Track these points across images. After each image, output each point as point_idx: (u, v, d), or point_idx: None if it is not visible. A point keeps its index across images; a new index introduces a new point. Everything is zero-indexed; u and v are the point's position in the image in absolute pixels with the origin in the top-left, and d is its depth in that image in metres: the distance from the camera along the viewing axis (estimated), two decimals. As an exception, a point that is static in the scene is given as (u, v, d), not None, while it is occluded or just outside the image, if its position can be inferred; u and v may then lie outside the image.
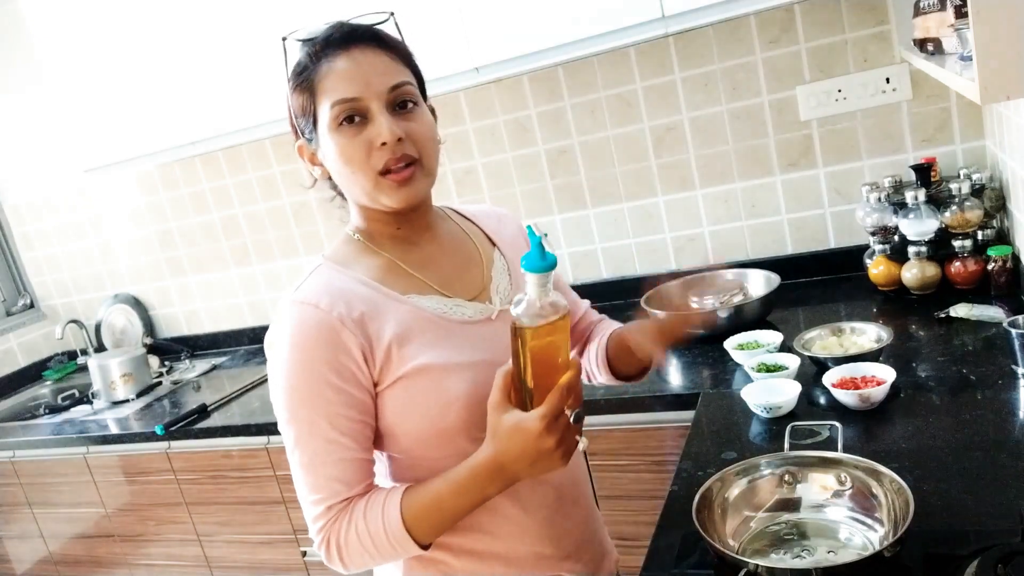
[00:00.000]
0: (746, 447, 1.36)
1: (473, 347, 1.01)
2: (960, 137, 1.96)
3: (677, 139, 2.20)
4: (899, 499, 0.99)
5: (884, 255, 1.90)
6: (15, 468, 2.67)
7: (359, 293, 0.98)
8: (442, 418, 0.98)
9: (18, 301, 3.31)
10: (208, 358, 2.93)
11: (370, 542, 0.96)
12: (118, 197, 3.00)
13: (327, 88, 0.96)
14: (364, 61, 0.96)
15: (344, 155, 0.96)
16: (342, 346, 0.94)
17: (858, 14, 1.96)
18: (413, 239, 1.06)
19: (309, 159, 1.03)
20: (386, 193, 0.97)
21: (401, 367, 0.96)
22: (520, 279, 1.05)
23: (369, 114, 0.95)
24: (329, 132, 0.97)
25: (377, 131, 0.94)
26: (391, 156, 0.95)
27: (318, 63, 0.97)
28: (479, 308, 1.04)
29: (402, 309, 0.99)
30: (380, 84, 0.96)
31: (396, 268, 1.03)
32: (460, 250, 1.10)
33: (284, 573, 2.34)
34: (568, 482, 1.11)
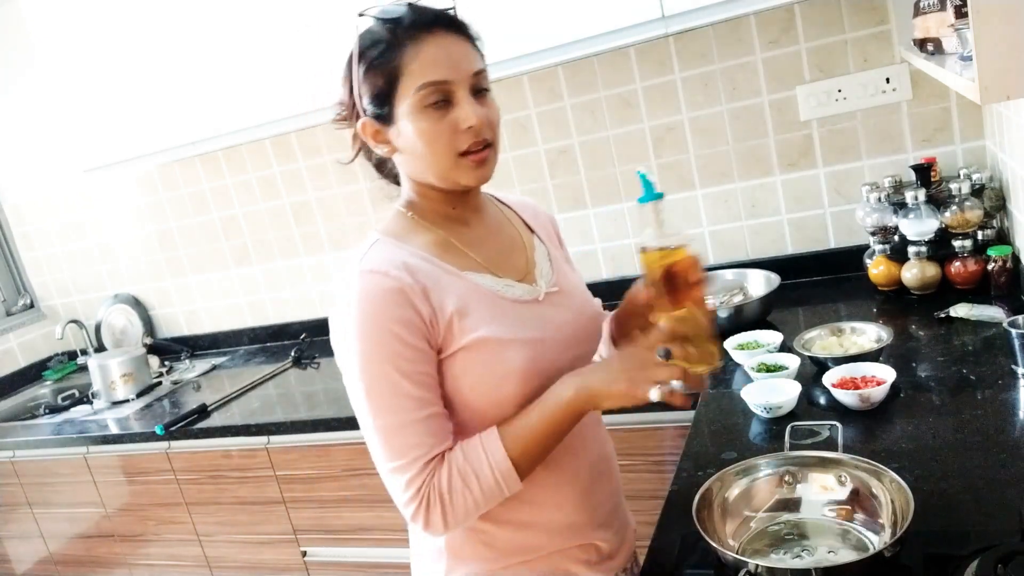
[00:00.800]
0: (746, 447, 1.36)
1: (526, 325, 1.04)
2: (960, 137, 1.96)
3: (677, 139, 2.20)
4: (899, 499, 0.99)
5: (884, 255, 1.90)
6: (15, 468, 2.67)
7: (419, 267, 1.00)
8: (498, 389, 1.01)
9: (18, 301, 3.32)
10: (208, 358, 2.93)
11: (476, 485, 0.97)
12: (118, 197, 3.00)
13: (414, 70, 0.97)
14: (449, 45, 0.99)
15: (427, 136, 0.98)
16: (412, 306, 0.96)
17: (858, 14, 1.96)
18: (464, 219, 1.09)
19: (372, 136, 1.04)
20: (463, 173, 1.01)
21: (462, 338, 0.99)
22: (559, 266, 1.15)
23: (454, 98, 0.98)
24: (413, 112, 0.98)
25: (464, 115, 0.98)
26: (474, 139, 0.99)
27: (403, 43, 0.98)
28: (527, 289, 1.08)
29: (460, 284, 1.02)
30: (465, 68, 0.99)
31: (450, 245, 1.06)
32: (505, 233, 1.15)
33: (284, 573, 2.34)
34: (601, 456, 1.16)
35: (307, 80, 2.13)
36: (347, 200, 2.64)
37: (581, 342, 1.12)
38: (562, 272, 1.15)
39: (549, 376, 1.03)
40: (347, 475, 2.12)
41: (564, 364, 1.05)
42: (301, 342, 2.73)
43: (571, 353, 1.08)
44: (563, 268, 1.17)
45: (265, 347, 2.92)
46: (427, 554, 1.14)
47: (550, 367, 1.04)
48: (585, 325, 1.14)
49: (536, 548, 1.09)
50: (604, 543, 1.14)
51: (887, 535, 0.98)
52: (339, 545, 2.21)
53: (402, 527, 2.13)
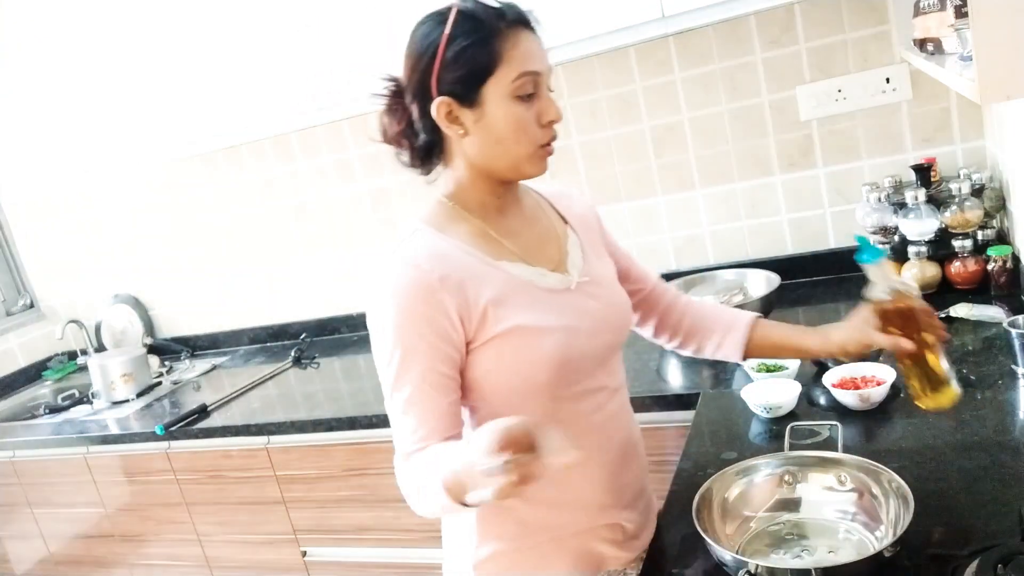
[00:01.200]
0: (746, 447, 1.36)
1: (559, 313, 1.08)
2: (960, 137, 1.96)
3: (677, 139, 2.20)
4: (899, 499, 0.99)
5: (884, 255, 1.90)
6: (15, 468, 2.67)
7: (457, 257, 1.05)
8: (532, 375, 1.05)
9: (18, 301, 3.31)
10: (208, 358, 2.93)
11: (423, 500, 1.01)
12: (118, 197, 3.00)
13: (515, 57, 1.01)
14: (537, 41, 1.04)
15: (517, 123, 1.02)
16: (439, 305, 1.00)
17: (858, 14, 1.96)
18: (503, 208, 1.13)
19: (445, 116, 1.04)
20: (535, 164, 1.06)
21: (496, 327, 1.03)
22: (592, 256, 1.19)
23: (539, 91, 1.03)
24: (506, 98, 1.01)
25: (548, 108, 1.03)
26: (552, 133, 1.05)
27: (504, 34, 1.01)
28: (560, 279, 1.11)
29: (496, 274, 1.06)
30: (548, 65, 1.05)
31: (487, 235, 1.09)
32: (540, 223, 1.17)
33: (284, 573, 2.33)
34: (629, 440, 1.19)
35: (307, 80, 2.13)
36: (347, 200, 2.64)
37: (611, 330, 1.15)
38: (593, 262, 1.18)
39: (580, 362, 1.08)
40: (347, 475, 2.12)
41: (595, 351, 1.11)
42: (301, 342, 2.73)
43: (601, 340, 1.12)
44: (594, 260, 1.19)
45: (265, 347, 2.91)
46: (459, 530, 1.18)
47: (581, 354, 1.08)
48: (614, 314, 1.16)
49: (564, 526, 1.13)
50: (629, 523, 1.16)
51: (887, 535, 0.98)
52: (339, 545, 2.21)
53: (402, 527, 2.14)
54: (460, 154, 1.08)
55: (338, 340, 2.77)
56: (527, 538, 1.12)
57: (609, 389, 1.15)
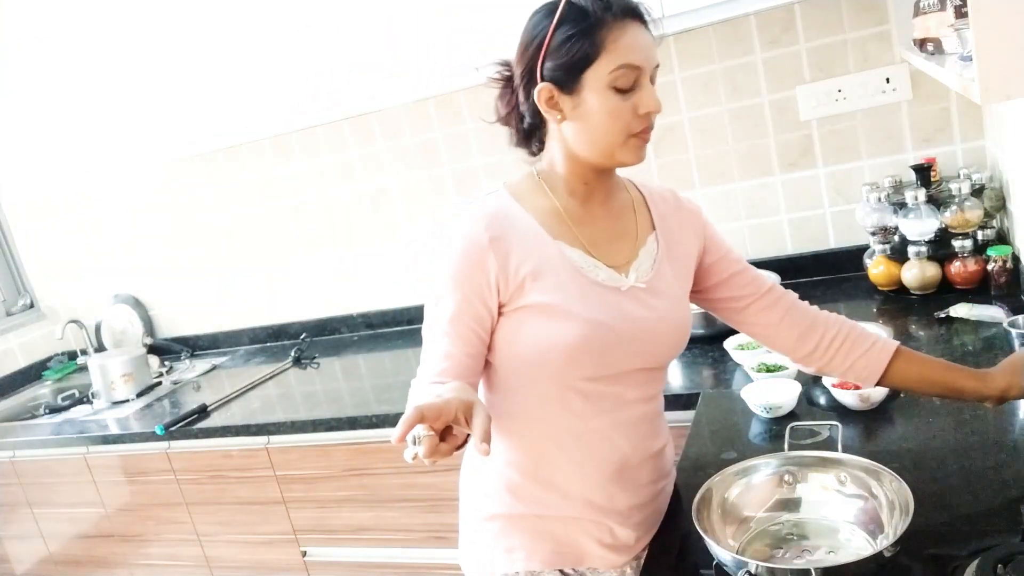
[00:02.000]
0: (746, 447, 1.36)
1: (595, 306, 1.08)
2: (960, 137, 1.96)
3: (677, 139, 2.20)
4: (899, 499, 0.99)
5: (884, 255, 1.90)
6: (15, 468, 2.67)
7: (518, 226, 1.08)
8: (542, 355, 1.07)
9: (18, 301, 3.31)
10: (208, 358, 2.93)
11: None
12: (118, 197, 3.00)
13: (617, 48, 1.03)
14: (645, 36, 1.06)
15: (612, 113, 1.04)
16: (481, 264, 1.05)
17: (858, 14, 1.96)
18: (587, 196, 1.14)
19: (546, 101, 1.07)
20: (629, 151, 1.08)
21: (527, 298, 1.06)
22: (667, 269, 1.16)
23: (639, 83, 1.05)
24: (603, 88, 1.04)
25: (647, 100, 1.06)
26: (648, 124, 1.07)
27: (609, 24, 1.03)
28: (613, 276, 1.11)
29: (548, 251, 1.08)
30: (653, 59, 1.07)
31: (558, 214, 1.12)
32: (620, 221, 1.17)
33: (284, 573, 2.33)
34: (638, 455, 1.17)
35: (307, 80, 2.13)
36: (347, 200, 2.64)
37: (649, 343, 1.12)
38: (662, 274, 1.16)
39: (599, 361, 1.08)
40: (347, 475, 2.12)
41: (617, 356, 1.10)
42: (301, 342, 2.73)
43: (629, 349, 1.11)
44: (666, 271, 1.16)
45: (265, 347, 2.91)
46: (472, 492, 1.23)
47: (602, 352, 1.08)
48: (660, 328, 1.13)
49: (552, 506, 1.14)
50: (620, 530, 1.16)
51: (887, 535, 0.98)
52: (339, 545, 2.21)
53: (402, 527, 2.14)
54: (559, 138, 1.11)
55: (338, 340, 2.77)
56: (516, 507, 1.15)
57: (627, 400, 1.14)
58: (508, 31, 1.86)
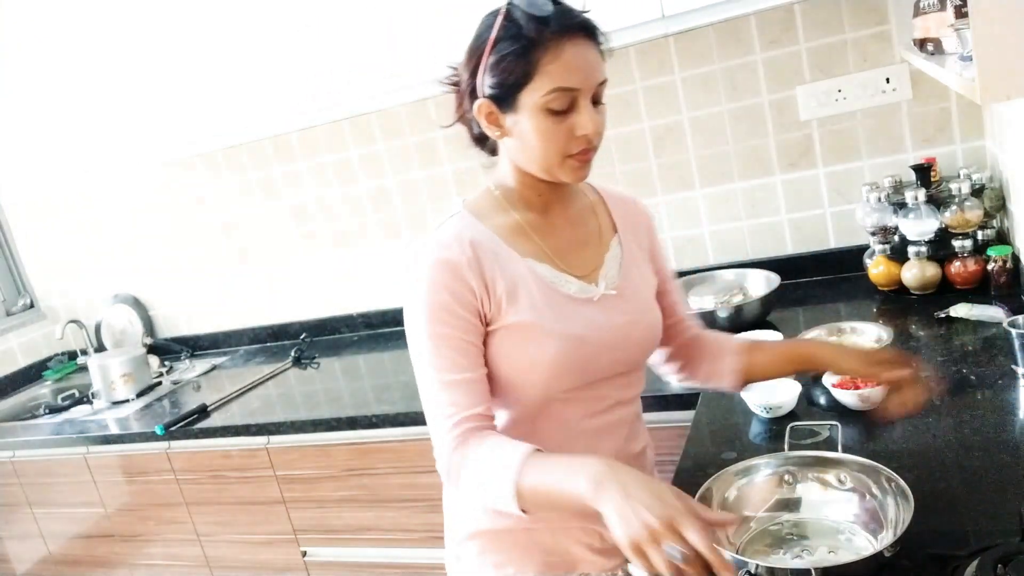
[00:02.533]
0: (746, 447, 1.36)
1: (570, 320, 1.09)
2: (960, 137, 1.96)
3: (677, 139, 2.20)
4: (899, 498, 0.99)
5: (884, 255, 1.90)
6: (15, 468, 2.67)
7: (485, 246, 1.07)
8: (526, 373, 1.07)
9: (18, 301, 3.31)
10: (208, 358, 2.93)
11: (484, 491, 1.00)
12: (118, 197, 3.00)
13: (550, 71, 1.00)
14: (586, 53, 1.04)
15: (545, 135, 1.03)
16: (465, 282, 1.04)
17: (858, 14, 1.96)
18: (546, 207, 1.14)
19: (486, 117, 1.07)
20: (566, 172, 1.07)
21: (506, 317, 1.06)
22: (632, 269, 1.17)
23: (576, 104, 1.03)
24: (537, 111, 1.02)
25: (582, 123, 1.03)
26: (585, 146, 1.05)
27: (545, 43, 1.00)
28: (584, 287, 1.12)
29: (518, 269, 1.08)
30: (593, 79, 1.05)
31: (522, 230, 1.12)
32: (582, 228, 1.18)
33: (284, 573, 2.34)
34: (626, 456, 1.19)
35: (307, 80, 2.13)
36: (347, 200, 2.64)
37: (631, 347, 1.15)
38: (630, 278, 1.17)
39: (582, 373, 1.09)
40: (347, 475, 2.12)
41: (600, 365, 1.11)
42: (301, 342, 2.73)
43: (610, 356, 1.12)
44: (632, 274, 1.18)
45: (265, 347, 2.92)
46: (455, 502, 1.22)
47: (583, 365, 1.09)
48: (638, 332, 1.15)
49: (539, 517, 1.12)
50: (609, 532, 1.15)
51: (887, 535, 0.98)
52: (339, 545, 2.21)
53: (402, 527, 2.14)
54: (504, 150, 1.11)
55: (338, 340, 2.77)
56: (502, 521, 1.13)
57: (611, 400, 1.15)
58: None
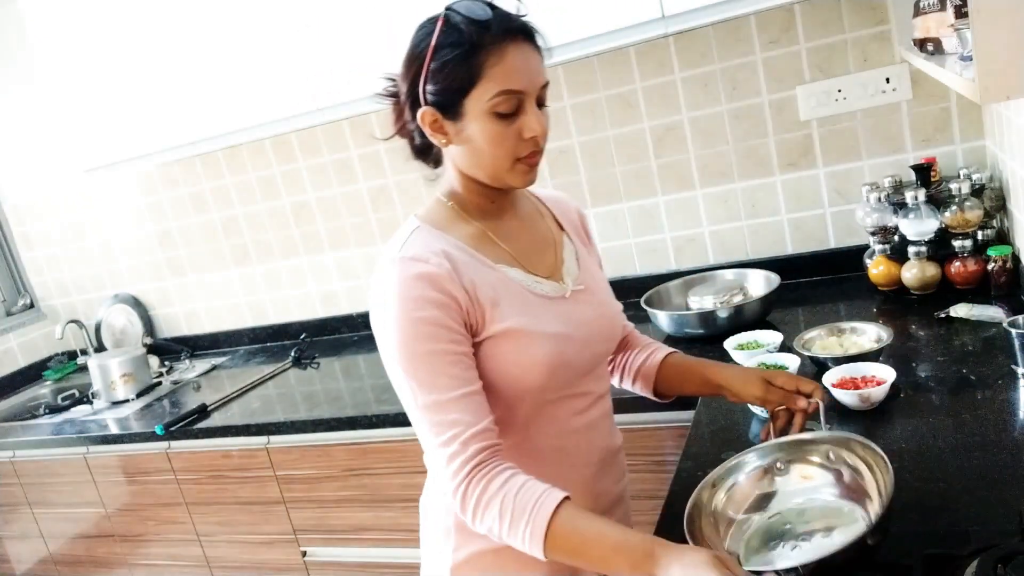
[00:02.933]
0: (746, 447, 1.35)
1: (552, 320, 1.09)
2: (960, 137, 1.96)
3: (677, 139, 2.20)
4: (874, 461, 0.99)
5: (884, 255, 1.90)
6: (15, 468, 2.67)
7: (457, 256, 1.05)
8: (521, 379, 1.05)
9: (18, 301, 3.31)
10: (208, 358, 2.93)
11: (507, 523, 0.96)
12: (118, 197, 3.00)
13: (495, 75, 1.00)
14: (528, 55, 1.02)
15: (493, 139, 1.02)
16: (449, 293, 1.01)
17: (858, 14, 1.96)
18: (500, 213, 1.14)
19: (430, 125, 1.05)
20: (515, 176, 1.06)
21: (492, 326, 1.04)
22: (585, 263, 1.18)
23: (522, 107, 1.02)
24: (484, 114, 1.01)
25: (530, 125, 1.02)
26: (533, 148, 1.04)
27: (488, 47, 0.99)
28: (554, 286, 1.13)
29: (493, 275, 1.07)
30: (538, 81, 1.03)
31: (486, 237, 1.11)
32: (537, 229, 1.18)
33: (284, 573, 2.34)
34: (609, 448, 1.20)
35: (307, 80, 2.13)
36: (347, 200, 2.64)
37: (603, 339, 1.17)
38: (588, 270, 1.19)
39: (569, 369, 1.09)
40: (347, 475, 2.12)
41: (586, 359, 1.12)
42: (301, 342, 2.73)
43: (591, 349, 1.14)
44: (589, 266, 1.20)
45: (265, 347, 2.92)
46: (437, 532, 1.18)
47: (572, 361, 1.09)
48: (607, 324, 1.18)
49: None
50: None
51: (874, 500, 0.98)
52: (339, 545, 2.21)
53: (402, 527, 2.14)
54: (450, 158, 1.10)
55: (338, 340, 2.77)
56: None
57: (594, 395, 1.17)
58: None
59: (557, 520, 0.94)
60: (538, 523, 0.94)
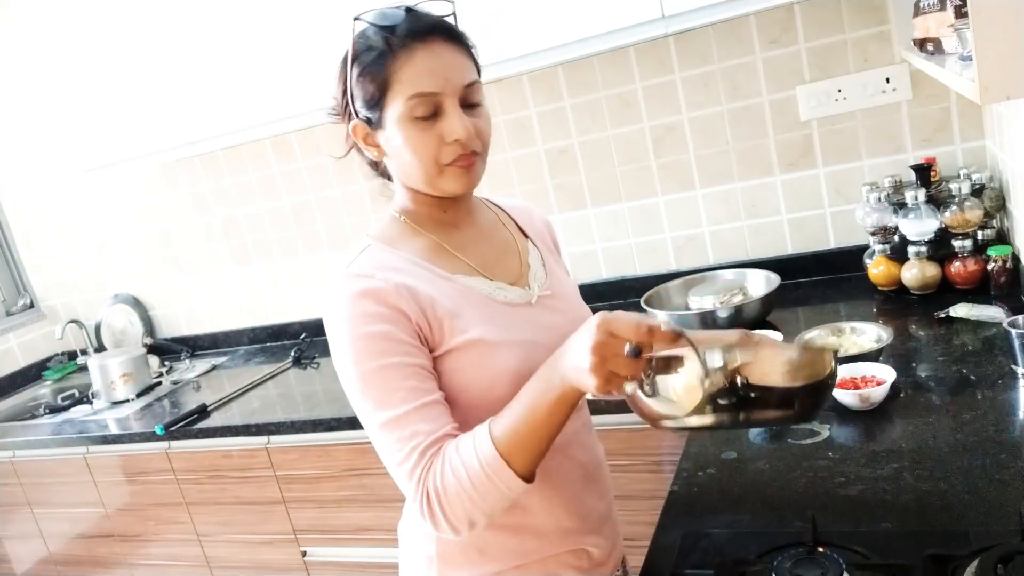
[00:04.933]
0: (746, 447, 1.36)
1: (518, 327, 1.05)
2: (960, 137, 1.96)
3: (677, 139, 2.20)
4: None
5: (884, 255, 1.90)
6: (15, 468, 2.67)
7: (410, 271, 1.01)
8: (490, 391, 1.00)
9: (18, 301, 3.31)
10: (208, 358, 2.93)
11: (468, 482, 0.91)
12: (118, 197, 3.00)
13: (405, 80, 0.97)
14: (442, 56, 0.98)
15: (414, 146, 0.98)
16: (399, 309, 0.97)
17: (858, 14, 1.96)
18: (456, 223, 1.10)
19: (363, 138, 1.04)
20: (448, 181, 1.01)
21: (453, 339, 1.00)
22: (552, 269, 1.15)
23: (442, 109, 0.98)
24: (401, 122, 0.98)
25: (451, 128, 0.97)
26: (461, 151, 0.99)
27: (395, 52, 0.97)
28: (519, 293, 1.09)
29: (451, 287, 1.03)
30: (457, 81, 0.98)
31: (441, 249, 1.07)
32: (498, 236, 1.15)
33: (284, 573, 2.34)
34: (592, 461, 1.15)
35: (307, 80, 2.13)
36: (347, 200, 2.64)
37: None
38: (556, 276, 1.15)
39: None
40: (347, 475, 2.12)
41: None
42: (301, 342, 2.73)
43: None
44: (557, 272, 1.17)
45: (265, 347, 2.92)
46: (418, 561, 1.12)
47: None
48: (576, 328, 1.07)
49: (528, 553, 1.08)
50: (595, 548, 1.13)
51: None
52: (339, 545, 2.21)
53: (402, 527, 2.13)
54: (392, 171, 1.07)
55: (338, 340, 2.76)
56: (489, 566, 1.07)
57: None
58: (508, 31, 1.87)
59: (498, 441, 0.91)
60: (490, 461, 0.90)
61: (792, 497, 1.18)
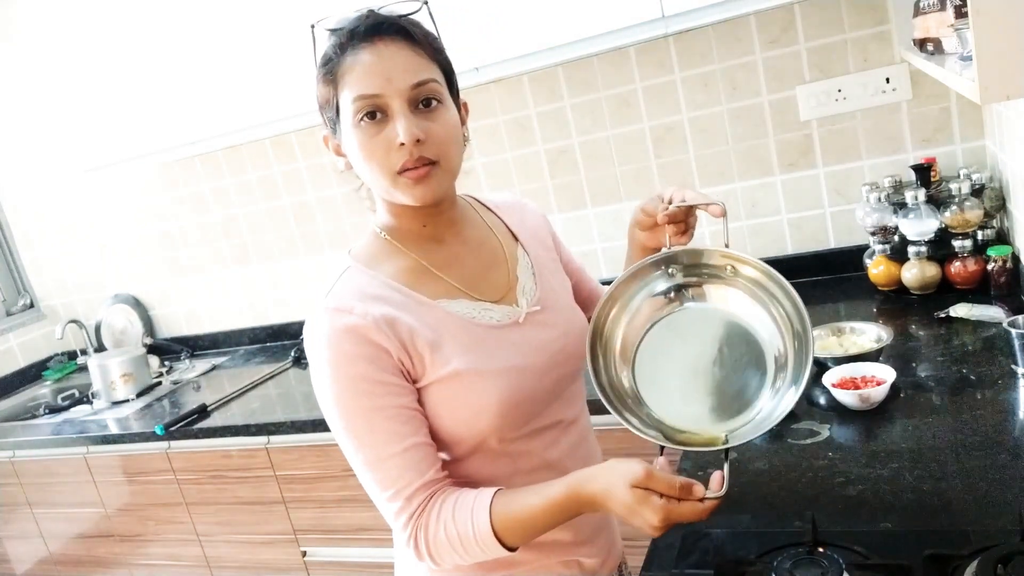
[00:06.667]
0: (746, 447, 1.36)
1: (503, 353, 1.01)
2: (960, 137, 1.96)
3: (677, 139, 2.20)
4: None
5: (884, 255, 1.90)
6: (15, 468, 2.67)
7: (389, 298, 0.98)
8: (474, 422, 0.98)
9: (18, 301, 3.31)
10: (208, 358, 2.93)
11: (459, 544, 0.94)
12: (118, 197, 3.00)
13: (350, 82, 0.95)
14: (388, 55, 0.94)
15: (364, 151, 0.96)
16: (379, 346, 0.94)
17: (858, 14, 1.96)
18: (439, 237, 1.06)
19: (334, 150, 1.03)
20: (402, 191, 0.97)
21: (435, 371, 0.97)
22: (547, 276, 1.10)
23: (389, 111, 0.94)
24: (351, 127, 0.96)
25: (395, 131, 0.93)
26: (408, 157, 0.94)
27: (343, 54, 0.96)
28: (506, 311, 1.04)
29: (432, 314, 0.99)
30: (402, 81, 0.94)
31: (423, 270, 1.03)
32: (485, 248, 1.10)
33: (284, 573, 2.34)
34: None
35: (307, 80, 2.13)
36: (347, 200, 2.64)
37: (565, 361, 1.07)
38: (547, 286, 1.10)
39: (530, 403, 1.02)
40: (347, 475, 2.12)
41: (548, 387, 1.05)
42: (301, 342, 2.72)
43: (553, 375, 1.05)
44: (548, 280, 1.11)
45: (265, 347, 2.91)
46: (411, 565, 1.12)
47: (531, 395, 1.02)
48: (571, 343, 1.07)
49: (518, 563, 1.06)
50: (587, 558, 1.12)
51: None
52: (339, 545, 2.21)
53: (402, 527, 2.13)
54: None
55: (338, 340, 2.76)
56: (478, 572, 1.06)
57: (565, 423, 1.09)
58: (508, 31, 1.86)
59: (497, 522, 0.92)
60: (483, 536, 0.93)
61: (792, 497, 1.18)
